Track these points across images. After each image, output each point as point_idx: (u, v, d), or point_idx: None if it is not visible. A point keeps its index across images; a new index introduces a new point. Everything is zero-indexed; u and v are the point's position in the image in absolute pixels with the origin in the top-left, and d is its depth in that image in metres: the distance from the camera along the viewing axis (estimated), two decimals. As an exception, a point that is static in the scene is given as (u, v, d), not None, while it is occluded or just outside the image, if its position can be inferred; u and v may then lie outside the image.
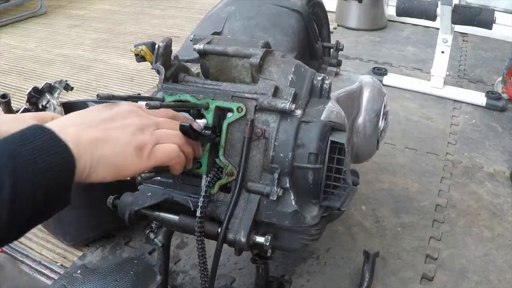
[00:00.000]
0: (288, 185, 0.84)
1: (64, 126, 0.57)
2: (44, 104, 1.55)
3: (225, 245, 0.84)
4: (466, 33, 3.39)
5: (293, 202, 0.85)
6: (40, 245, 1.50)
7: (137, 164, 0.62)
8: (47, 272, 1.40)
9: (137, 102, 0.73)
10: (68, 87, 1.66)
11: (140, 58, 0.90)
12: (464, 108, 2.40)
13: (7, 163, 0.49)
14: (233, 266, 1.40)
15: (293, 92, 0.82)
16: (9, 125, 0.69)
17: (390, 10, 3.34)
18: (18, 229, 0.51)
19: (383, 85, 1.63)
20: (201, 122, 0.81)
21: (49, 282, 1.35)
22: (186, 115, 0.81)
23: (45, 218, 0.54)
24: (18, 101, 2.22)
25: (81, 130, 0.58)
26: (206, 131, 0.79)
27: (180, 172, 0.73)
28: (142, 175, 0.80)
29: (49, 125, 0.56)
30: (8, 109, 1.38)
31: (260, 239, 0.83)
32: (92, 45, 3.24)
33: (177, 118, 0.74)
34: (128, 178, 0.65)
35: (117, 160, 0.60)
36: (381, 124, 1.23)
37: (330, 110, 0.85)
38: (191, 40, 0.94)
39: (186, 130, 0.70)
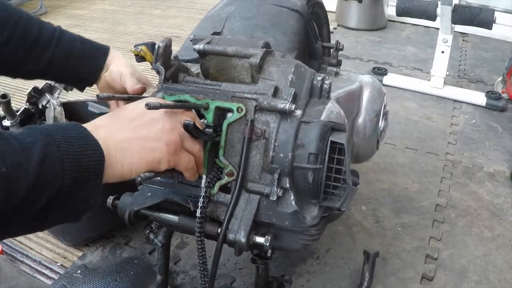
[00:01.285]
0: (288, 185, 0.84)
1: (96, 128, 0.60)
2: (44, 104, 1.54)
3: (225, 245, 0.84)
4: (466, 33, 3.39)
5: (293, 203, 0.85)
6: (40, 245, 1.50)
7: (167, 158, 0.66)
8: (47, 272, 1.40)
9: None
10: (68, 87, 1.66)
11: (140, 58, 0.90)
12: (464, 108, 2.40)
13: (40, 138, 0.52)
14: (233, 266, 1.40)
15: (293, 92, 0.82)
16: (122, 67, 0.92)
17: (390, 10, 3.34)
18: (39, 206, 0.51)
19: (383, 85, 1.63)
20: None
21: (49, 282, 1.35)
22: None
23: (70, 206, 0.55)
24: (18, 101, 2.22)
25: (111, 131, 0.62)
26: (207, 130, 0.79)
27: (196, 177, 0.76)
28: (142, 175, 0.80)
29: (84, 125, 0.60)
30: (8, 109, 1.38)
31: (260, 239, 0.83)
32: (92, 45, 3.24)
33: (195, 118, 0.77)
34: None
35: (149, 155, 0.63)
36: (381, 124, 1.23)
37: (330, 110, 0.85)
38: (191, 40, 0.94)
39: (190, 128, 0.70)
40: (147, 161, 0.64)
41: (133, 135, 0.63)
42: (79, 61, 0.93)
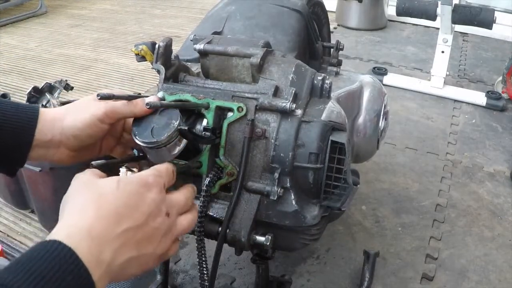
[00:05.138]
0: (288, 184, 0.84)
1: (98, 246, 0.47)
2: (44, 103, 1.55)
3: (225, 245, 0.84)
4: (466, 33, 3.39)
5: (294, 202, 0.85)
6: (40, 245, 1.50)
7: (156, 264, 0.58)
8: (47, 271, 1.39)
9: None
10: (68, 87, 1.66)
11: (141, 57, 0.90)
12: (464, 108, 2.40)
13: None
14: (233, 266, 1.40)
15: (293, 91, 0.82)
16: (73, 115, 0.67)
17: (390, 10, 3.34)
18: None
19: (383, 85, 1.63)
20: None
21: (49, 281, 1.35)
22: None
23: None
24: (19, 101, 2.22)
25: (118, 251, 0.49)
26: (206, 133, 0.79)
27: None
28: None
29: (75, 241, 0.46)
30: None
31: (260, 238, 0.83)
32: (93, 44, 3.25)
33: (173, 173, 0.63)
34: None
35: (140, 269, 0.54)
36: (382, 124, 1.23)
37: (331, 109, 0.85)
38: (191, 40, 0.94)
39: (185, 134, 0.69)
40: (134, 275, 0.54)
41: (135, 254, 0.52)
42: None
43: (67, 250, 0.45)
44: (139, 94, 0.90)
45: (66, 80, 1.66)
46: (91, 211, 0.49)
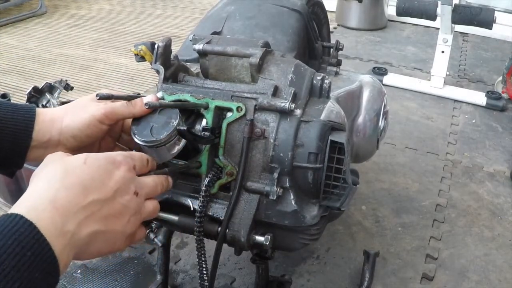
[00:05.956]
0: (288, 184, 0.84)
1: (62, 215, 0.47)
2: (44, 103, 1.55)
3: (225, 245, 0.84)
4: (466, 33, 3.39)
5: (293, 202, 0.84)
6: (40, 245, 1.50)
7: (123, 246, 0.58)
8: (47, 271, 1.39)
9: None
10: (68, 87, 1.66)
11: (140, 58, 0.90)
12: (464, 108, 2.40)
13: None
14: (233, 266, 1.40)
15: (292, 91, 0.82)
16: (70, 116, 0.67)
17: (390, 10, 3.34)
18: None
19: (383, 85, 1.63)
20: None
21: (49, 281, 1.35)
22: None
23: None
24: (18, 101, 2.22)
25: (83, 222, 0.50)
26: (205, 133, 0.79)
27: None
28: None
29: (37, 212, 0.45)
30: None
31: (260, 238, 0.83)
32: (92, 44, 3.25)
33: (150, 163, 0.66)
34: None
35: (107, 247, 0.55)
36: (381, 123, 1.23)
37: (330, 109, 0.85)
38: (190, 40, 0.94)
39: (184, 134, 0.69)
40: (101, 253, 0.55)
41: (102, 228, 0.52)
42: None
43: (28, 225, 0.44)
44: (139, 94, 0.90)
45: (66, 80, 1.66)
46: (56, 182, 0.50)
